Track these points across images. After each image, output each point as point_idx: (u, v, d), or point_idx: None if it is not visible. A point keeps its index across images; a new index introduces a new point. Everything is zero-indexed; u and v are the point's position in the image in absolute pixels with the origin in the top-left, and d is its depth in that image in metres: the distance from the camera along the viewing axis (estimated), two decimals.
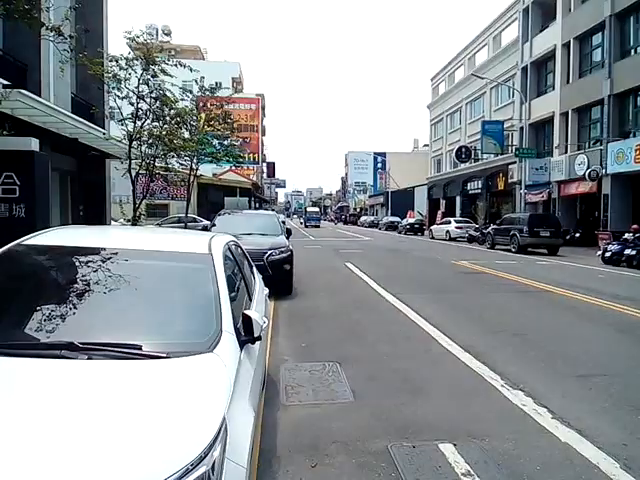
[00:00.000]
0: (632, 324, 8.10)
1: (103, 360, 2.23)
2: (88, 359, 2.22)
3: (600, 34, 24.86)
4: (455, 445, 3.64)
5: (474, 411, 4.36)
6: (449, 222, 34.23)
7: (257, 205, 51.09)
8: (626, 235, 18.18)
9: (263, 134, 69.28)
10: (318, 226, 60.37)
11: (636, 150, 21.05)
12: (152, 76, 12.53)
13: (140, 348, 2.31)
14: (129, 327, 2.60)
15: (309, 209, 75.91)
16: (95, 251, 3.19)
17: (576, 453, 3.60)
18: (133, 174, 13.13)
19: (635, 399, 4.69)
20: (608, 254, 17.84)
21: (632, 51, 23.13)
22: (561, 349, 6.53)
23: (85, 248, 3.25)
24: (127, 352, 2.27)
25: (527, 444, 3.72)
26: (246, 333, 2.73)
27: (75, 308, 2.70)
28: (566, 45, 27.37)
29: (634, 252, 16.76)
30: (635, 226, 18.51)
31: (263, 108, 67.22)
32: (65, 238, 3.50)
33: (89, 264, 3.07)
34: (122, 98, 12.70)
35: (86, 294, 2.82)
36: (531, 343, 6.85)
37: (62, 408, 1.90)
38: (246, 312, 2.79)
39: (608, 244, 18.84)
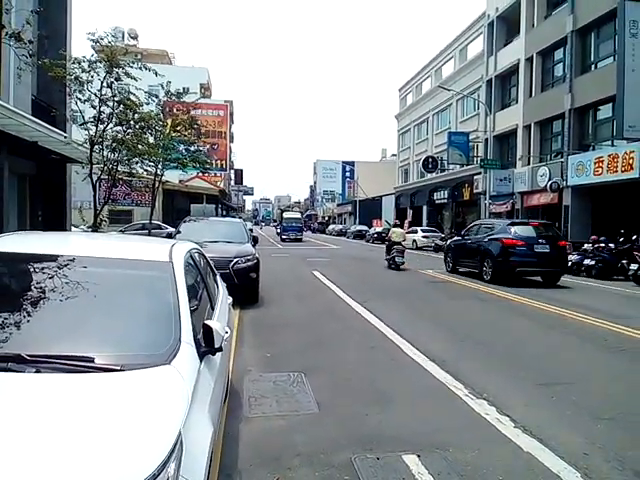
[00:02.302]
0: (593, 333, 8.25)
1: (52, 373, 2.12)
2: (36, 372, 2.11)
3: (562, 49, 25.53)
4: (419, 456, 3.61)
5: (438, 421, 4.35)
6: (416, 231, 34.58)
7: (224, 212, 50.62)
8: (586, 246, 18.57)
9: (231, 141, 68.90)
10: (300, 239, 42.13)
11: (595, 163, 21.64)
12: (115, 79, 12.31)
13: (92, 360, 2.21)
14: (82, 338, 2.48)
15: (286, 215, 50.07)
16: (50, 258, 3.06)
17: (538, 462, 3.61)
18: (94, 179, 12.85)
19: (596, 408, 4.76)
20: (568, 264, 18.22)
21: (592, 66, 23.82)
22: (524, 357, 6.61)
23: (40, 255, 3.12)
24: (78, 365, 2.16)
25: (490, 454, 3.72)
26: (206, 344, 2.65)
27: (26, 318, 2.58)
28: (529, 59, 28.06)
29: (593, 262, 17.19)
30: (594, 237, 18.90)
31: (231, 115, 66.88)
32: (20, 244, 3.38)
33: (43, 271, 2.94)
34: (84, 101, 12.42)
35: (38, 303, 2.70)
36: (494, 351, 6.93)
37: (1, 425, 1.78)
38: (207, 322, 2.72)
39: (568, 254, 19.26)
